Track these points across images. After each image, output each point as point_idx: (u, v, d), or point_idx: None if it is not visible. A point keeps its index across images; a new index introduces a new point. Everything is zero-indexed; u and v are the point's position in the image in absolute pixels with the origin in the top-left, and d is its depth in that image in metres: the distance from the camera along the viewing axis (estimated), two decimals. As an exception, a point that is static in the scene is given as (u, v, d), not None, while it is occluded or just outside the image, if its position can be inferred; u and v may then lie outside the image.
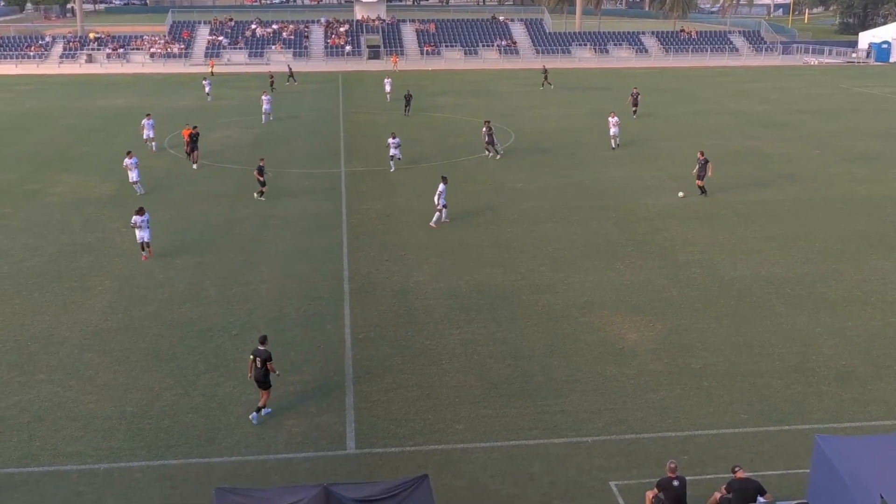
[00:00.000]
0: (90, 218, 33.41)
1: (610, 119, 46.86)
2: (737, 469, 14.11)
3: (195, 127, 43.79)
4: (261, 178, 35.66)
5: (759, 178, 40.24)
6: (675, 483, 13.98)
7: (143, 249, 28.31)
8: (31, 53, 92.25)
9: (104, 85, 76.71)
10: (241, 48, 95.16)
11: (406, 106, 57.52)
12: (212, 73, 76.82)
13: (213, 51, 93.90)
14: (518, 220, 33.32)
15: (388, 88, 66.17)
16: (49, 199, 36.12)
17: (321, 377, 20.34)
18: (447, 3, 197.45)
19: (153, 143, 46.35)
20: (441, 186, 32.07)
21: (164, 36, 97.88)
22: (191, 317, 23.87)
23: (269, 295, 25.58)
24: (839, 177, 40.61)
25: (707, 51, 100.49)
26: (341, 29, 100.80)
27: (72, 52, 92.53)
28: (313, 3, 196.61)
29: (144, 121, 46.74)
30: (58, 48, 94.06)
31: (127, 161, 35.93)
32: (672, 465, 14.22)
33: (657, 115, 58.26)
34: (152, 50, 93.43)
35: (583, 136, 48.65)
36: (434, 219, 32.17)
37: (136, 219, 27.82)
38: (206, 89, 67.23)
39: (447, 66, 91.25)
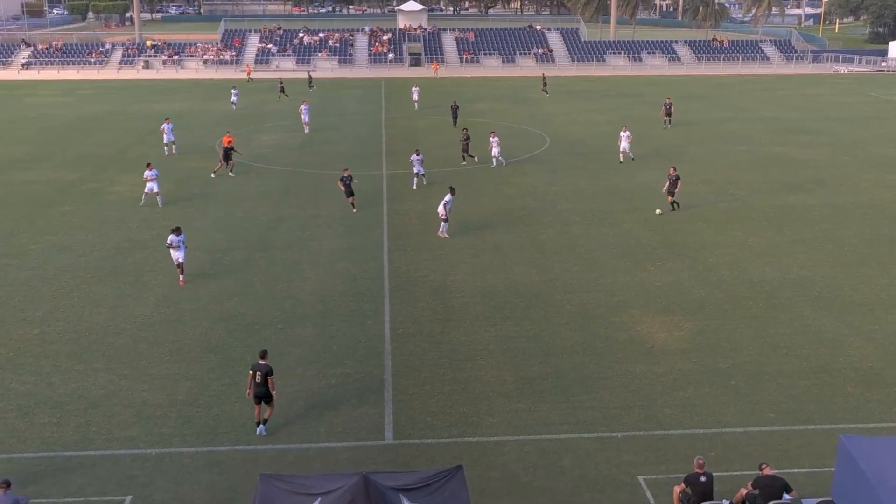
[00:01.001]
0: (146, 216, 33.87)
1: (621, 133, 44.65)
2: (763, 466, 13.94)
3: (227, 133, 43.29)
4: (345, 189, 34.02)
5: (789, 183, 39.68)
6: (703, 479, 13.85)
7: (181, 273, 26.07)
8: (92, 60, 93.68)
9: (160, 90, 77.71)
10: (289, 55, 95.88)
11: (454, 118, 54.85)
12: (249, 79, 76.50)
13: (262, 58, 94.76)
14: (552, 221, 33.20)
15: (415, 97, 65.10)
16: (108, 197, 36.69)
17: (361, 370, 20.46)
18: (486, 12, 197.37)
19: (174, 146, 46.09)
20: (448, 196, 30.70)
21: (217, 43, 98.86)
22: (238, 311, 24.13)
23: (312, 291, 25.76)
24: (868, 183, 39.90)
25: (738, 59, 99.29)
26: (384, 37, 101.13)
27: (130, 59, 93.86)
28: (358, 12, 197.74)
29: (164, 125, 46.49)
30: (117, 55, 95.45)
31: (147, 173, 35.19)
32: (700, 462, 14.09)
33: (689, 122, 57.67)
34: (205, 57, 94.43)
35: (616, 141, 48.15)
36: (441, 228, 31.02)
37: (172, 238, 25.56)
38: (233, 98, 65.15)
39: (485, 73, 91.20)
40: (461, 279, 26.78)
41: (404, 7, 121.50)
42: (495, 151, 42.52)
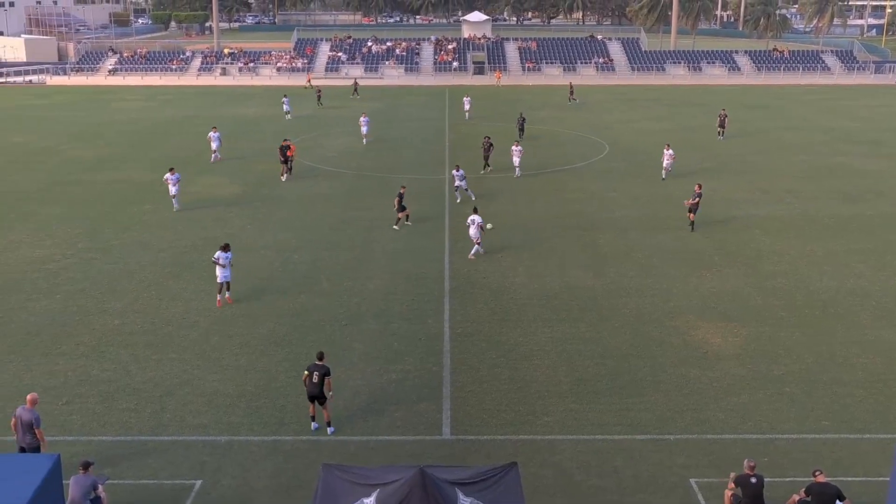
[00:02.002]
0: (219, 216, 34.59)
1: (665, 151, 42.07)
2: (817, 473, 13.61)
3: (286, 140, 42.89)
4: (397, 207, 32.45)
5: (848, 193, 38.63)
6: (753, 480, 13.58)
7: (219, 292, 24.66)
8: (173, 66, 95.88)
9: (236, 95, 79.16)
10: (357, 63, 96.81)
11: (520, 130, 52.56)
12: (309, 85, 76.54)
13: (332, 65, 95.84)
14: (608, 227, 32.90)
15: (466, 107, 63.58)
16: (185, 197, 37.47)
17: (421, 367, 20.56)
18: (549, 23, 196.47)
19: (217, 154, 45.83)
20: (477, 218, 29.04)
21: (290, 52, 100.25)
22: (305, 307, 24.45)
23: (376, 289, 25.97)
24: (929, 194, 38.63)
25: (799, 69, 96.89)
26: (449, 46, 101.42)
27: (208, 66, 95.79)
28: (424, 22, 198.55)
29: (211, 133, 46.34)
30: (196, 62, 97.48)
31: (168, 176, 35.27)
32: (751, 464, 13.82)
33: (748, 131, 56.51)
34: (279, 64, 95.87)
35: (674, 149, 47.50)
36: (473, 250, 29.06)
37: (219, 255, 24.53)
38: (285, 107, 62.90)
39: (546, 81, 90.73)
40: (519, 281, 26.72)
41: (469, 17, 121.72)
42: (516, 161, 41.83)
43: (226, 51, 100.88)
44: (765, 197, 37.68)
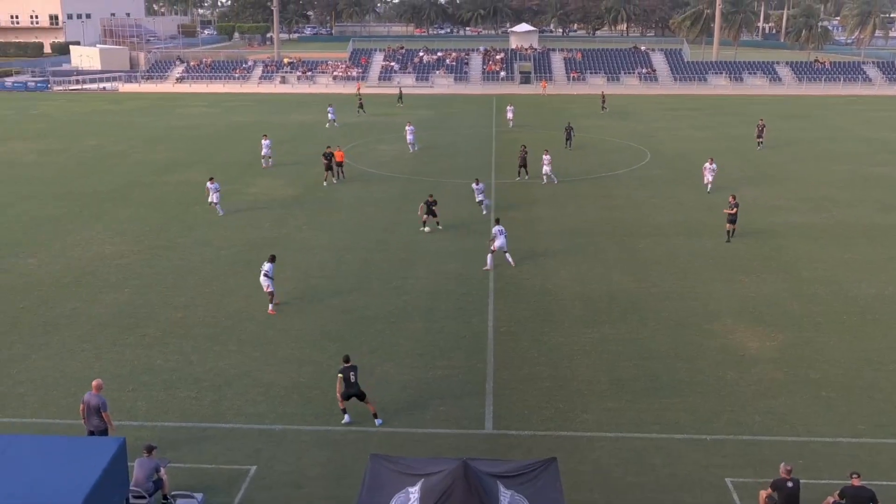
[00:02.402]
0: (277, 216, 34.98)
1: (706, 165, 39.78)
2: (853, 476, 13.27)
3: (329, 147, 42.65)
4: (425, 217, 32.32)
5: (888, 202, 37.54)
6: (790, 484, 13.30)
7: (271, 301, 24.17)
8: (236, 75, 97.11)
9: (295, 103, 79.81)
10: (409, 72, 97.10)
11: (567, 139, 51.61)
12: (359, 94, 76.84)
13: (385, 74, 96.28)
14: (650, 232, 32.49)
15: (509, 115, 62.83)
16: (245, 198, 38.01)
17: (465, 364, 20.53)
18: (593, 34, 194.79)
19: (270, 160, 45.89)
20: (502, 232, 28.08)
21: (346, 61, 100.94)
22: (356, 304, 24.59)
23: (423, 289, 26.02)
24: (970, 204, 37.40)
25: (840, 80, 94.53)
26: (497, 57, 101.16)
27: (269, 75, 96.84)
28: (474, 33, 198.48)
29: (263, 141, 46.32)
30: (258, 71, 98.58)
31: (208, 185, 35.33)
32: (787, 468, 13.54)
33: (788, 141, 55.33)
34: (335, 73, 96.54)
35: (718, 158, 46.68)
36: (489, 262, 27.84)
37: (267, 266, 24.08)
38: (330, 115, 62.42)
39: (591, 90, 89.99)
40: (561, 284, 26.53)
41: (517, 28, 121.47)
42: (546, 169, 41.29)
43: (285, 60, 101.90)
44: (804, 205, 36.88)
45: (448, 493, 10.92)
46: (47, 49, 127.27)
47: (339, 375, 17.24)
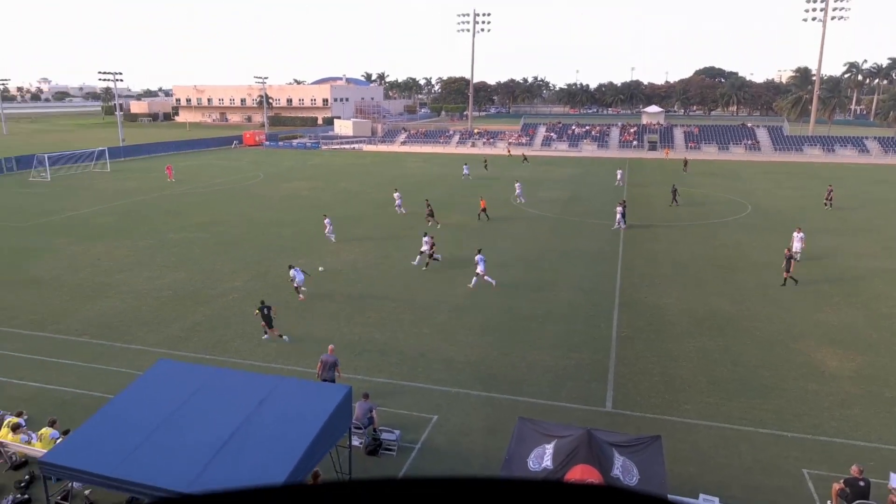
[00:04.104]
0: (459, 239, 35.17)
1: (795, 234, 31.36)
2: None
3: (427, 200, 41.26)
4: (429, 252, 29.47)
5: (965, 255, 32.34)
6: (861, 483, 11.73)
7: (298, 291, 24.71)
8: (441, 140, 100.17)
9: (480, 161, 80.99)
10: (563, 140, 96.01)
11: (673, 199, 46.41)
12: (510, 154, 73.68)
13: (546, 142, 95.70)
14: (746, 267, 29.95)
15: (619, 177, 57.90)
16: (439, 226, 38.87)
17: (593, 358, 19.88)
18: (709, 113, 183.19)
19: (402, 209, 43.28)
20: (481, 261, 26.56)
21: (518, 132, 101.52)
22: (513, 307, 24.44)
23: (564, 300, 25.48)
24: None
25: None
26: (631, 129, 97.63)
27: (464, 140, 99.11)
28: (614, 112, 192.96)
29: (395, 194, 44.37)
30: (456, 138, 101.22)
31: (326, 221, 34.69)
32: (860, 468, 11.96)
33: (874, 201, 49.07)
34: (510, 140, 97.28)
35: (808, 212, 42.50)
36: (473, 282, 26.57)
37: (294, 273, 24.77)
38: (465, 171, 61.36)
39: (704, 157, 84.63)
40: (671, 302, 25.08)
41: (648, 109, 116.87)
42: (618, 217, 38.19)
43: (475, 130, 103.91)
44: (885, 252, 32.57)
45: (574, 452, 10.64)
46: (319, 121, 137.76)
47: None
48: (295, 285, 24.83)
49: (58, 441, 13.37)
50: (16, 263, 30.29)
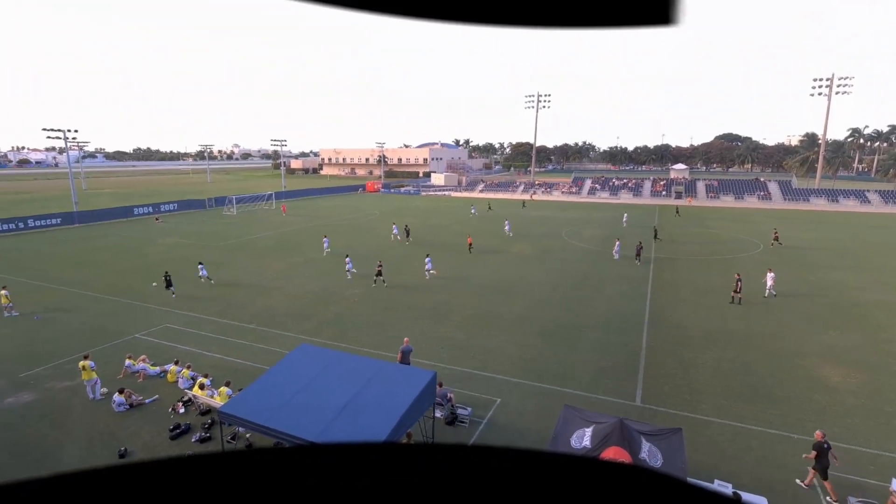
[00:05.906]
0: (512, 263, 34.57)
1: (768, 273, 27.56)
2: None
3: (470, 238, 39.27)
4: (377, 276, 27.95)
5: (962, 292, 28.12)
6: (826, 445, 10.77)
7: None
8: (510, 190, 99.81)
9: (540, 206, 79.98)
10: (605, 190, 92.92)
11: (654, 236, 43.58)
12: (531, 200, 69.70)
13: (591, 192, 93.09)
14: (758, 294, 27.44)
15: (624, 219, 54.56)
16: (508, 255, 38.48)
17: (625, 361, 18.86)
18: (727, 170, 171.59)
19: (397, 236, 41.67)
20: (429, 262, 29.83)
21: (569, 184, 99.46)
22: (559, 319, 23.65)
23: (601, 315, 24.37)
24: None
25: (922, 203, 73.16)
26: (661, 182, 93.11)
27: (527, 189, 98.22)
28: (647, 168, 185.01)
29: (394, 226, 43.37)
30: (521, 188, 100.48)
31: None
32: (822, 433, 11.15)
33: (874, 244, 43.92)
34: (562, 189, 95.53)
35: (814, 252, 38.57)
36: (428, 272, 29.26)
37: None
38: (472, 211, 60.87)
39: (722, 205, 79.20)
40: (692, 320, 23.42)
41: (675, 167, 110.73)
42: (616, 249, 36.38)
43: (536, 181, 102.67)
44: (885, 287, 28.97)
45: (609, 436, 10.12)
46: (420, 174, 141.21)
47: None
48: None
49: (231, 397, 14.24)
50: (214, 272, 32.79)
